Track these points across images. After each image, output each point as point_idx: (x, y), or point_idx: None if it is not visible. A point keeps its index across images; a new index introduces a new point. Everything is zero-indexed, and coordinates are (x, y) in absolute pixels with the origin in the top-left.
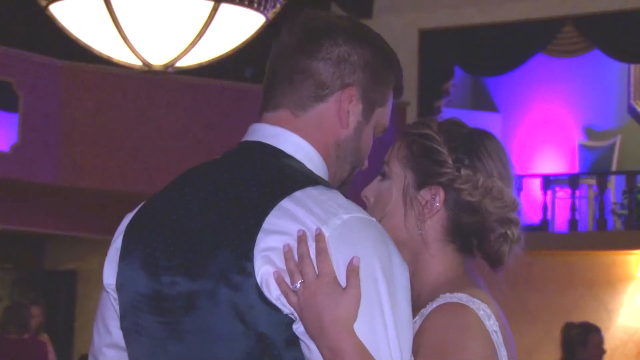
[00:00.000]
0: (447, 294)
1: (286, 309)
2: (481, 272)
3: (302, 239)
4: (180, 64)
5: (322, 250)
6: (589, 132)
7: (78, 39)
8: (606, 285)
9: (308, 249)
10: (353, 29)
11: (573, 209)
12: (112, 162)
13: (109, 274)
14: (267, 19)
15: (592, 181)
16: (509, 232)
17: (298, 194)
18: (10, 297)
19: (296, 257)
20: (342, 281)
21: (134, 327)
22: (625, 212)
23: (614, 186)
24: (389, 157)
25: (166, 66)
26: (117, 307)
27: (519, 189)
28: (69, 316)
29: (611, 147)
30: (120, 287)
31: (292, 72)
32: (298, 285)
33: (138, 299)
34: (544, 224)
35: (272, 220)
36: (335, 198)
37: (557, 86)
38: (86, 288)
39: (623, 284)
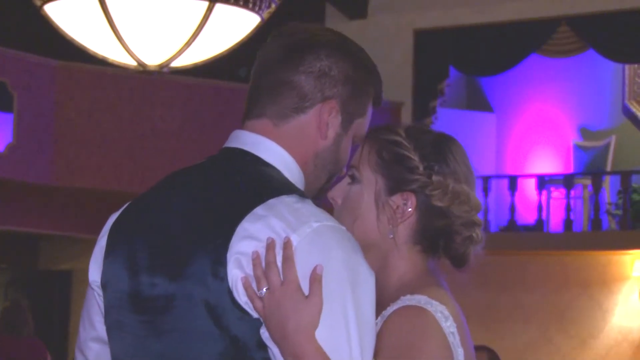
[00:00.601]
0: (408, 296)
1: (255, 313)
2: (475, 273)
3: (270, 246)
4: (175, 64)
5: (287, 259)
6: (584, 132)
7: (73, 39)
8: (601, 285)
9: (275, 257)
10: (336, 43)
11: (568, 209)
12: (106, 162)
13: (94, 271)
14: (262, 19)
15: (587, 181)
16: (474, 235)
17: (272, 201)
18: (5, 298)
19: (264, 264)
20: (308, 289)
21: (116, 323)
22: (620, 212)
23: (609, 186)
24: (357, 161)
25: (161, 66)
26: (101, 303)
27: (514, 189)
28: (64, 316)
29: (606, 147)
30: (104, 284)
31: (275, 83)
32: (264, 292)
33: (121, 297)
34: (539, 224)
35: (246, 226)
36: (307, 207)
37: (551, 86)
38: (81, 288)
39: (618, 284)
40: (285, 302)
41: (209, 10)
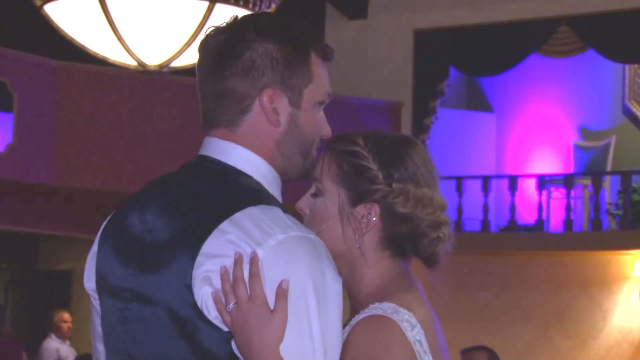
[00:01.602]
0: (376, 304)
1: (225, 327)
2: (475, 273)
3: (237, 261)
4: (175, 64)
5: (254, 274)
6: (584, 132)
7: (73, 39)
8: (601, 285)
9: (242, 272)
10: (250, 30)
11: (568, 209)
12: (106, 162)
13: (88, 278)
14: None
15: (587, 181)
16: (441, 235)
17: (238, 215)
18: (5, 297)
19: (232, 279)
20: (273, 303)
21: (107, 327)
22: (620, 212)
23: (609, 186)
24: (320, 174)
25: (161, 66)
26: (98, 308)
27: (514, 189)
28: None
29: (606, 148)
30: (97, 290)
31: (212, 95)
32: (231, 307)
33: (108, 303)
34: (539, 224)
35: (212, 243)
36: (274, 217)
37: (551, 86)
38: (81, 288)
39: (618, 284)
40: (252, 317)
41: (209, 10)
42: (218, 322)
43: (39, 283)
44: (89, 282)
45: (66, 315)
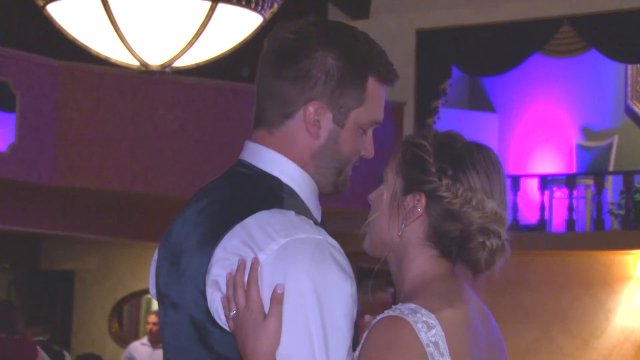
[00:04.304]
0: (399, 305)
1: None
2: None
3: (239, 268)
4: (178, 64)
5: (251, 280)
6: (586, 132)
7: (75, 39)
8: (603, 285)
9: (243, 278)
10: (318, 38)
11: (570, 209)
12: (108, 162)
13: (152, 285)
14: (265, 19)
15: (590, 181)
16: (487, 242)
17: (249, 220)
18: (7, 298)
19: None
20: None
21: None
22: (622, 212)
23: (611, 186)
24: (388, 163)
25: (163, 66)
26: None
27: (517, 189)
28: (66, 316)
29: (608, 147)
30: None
31: (263, 92)
32: (232, 314)
33: (159, 308)
34: (542, 224)
35: (222, 247)
36: (283, 220)
37: (554, 86)
38: (83, 288)
39: (620, 284)
40: (246, 325)
41: (212, 10)
42: (227, 327)
43: (41, 283)
44: (152, 290)
45: (153, 318)
